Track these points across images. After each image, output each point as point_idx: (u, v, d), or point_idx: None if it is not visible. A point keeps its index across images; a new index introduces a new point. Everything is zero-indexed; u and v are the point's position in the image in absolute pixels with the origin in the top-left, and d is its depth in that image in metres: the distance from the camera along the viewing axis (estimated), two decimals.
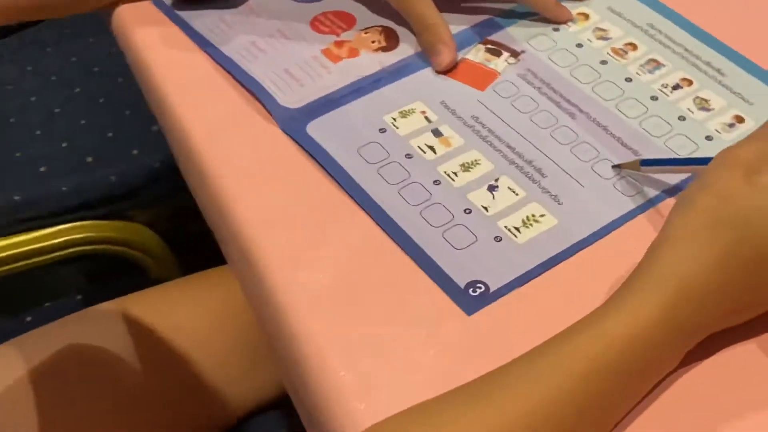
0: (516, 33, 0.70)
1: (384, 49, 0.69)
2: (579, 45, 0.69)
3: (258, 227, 0.59)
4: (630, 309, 0.46)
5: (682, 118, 0.63)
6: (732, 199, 0.47)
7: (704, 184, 0.49)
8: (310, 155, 0.62)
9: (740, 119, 0.63)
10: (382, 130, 0.63)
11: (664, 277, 0.47)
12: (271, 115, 0.65)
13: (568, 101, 0.65)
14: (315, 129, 0.63)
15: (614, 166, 0.60)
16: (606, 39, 0.69)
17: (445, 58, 0.67)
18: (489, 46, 0.69)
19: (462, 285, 0.55)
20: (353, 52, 0.69)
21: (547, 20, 0.70)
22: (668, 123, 0.63)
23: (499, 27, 0.70)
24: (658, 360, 0.48)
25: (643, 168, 0.58)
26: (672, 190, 0.59)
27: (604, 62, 0.67)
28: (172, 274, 1.07)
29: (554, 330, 0.48)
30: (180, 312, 0.88)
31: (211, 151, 0.63)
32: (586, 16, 0.71)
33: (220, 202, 0.61)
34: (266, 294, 0.56)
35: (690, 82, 0.66)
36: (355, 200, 0.59)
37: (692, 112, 0.64)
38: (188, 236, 1.06)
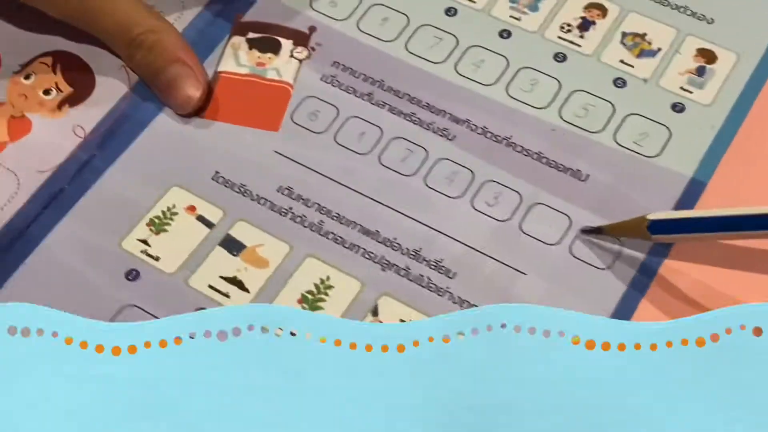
0: None
1: (72, 101, 0.38)
2: None
3: None
4: None
5: (619, 83, 0.37)
6: None
7: None
8: None
9: (710, 56, 0.38)
10: (133, 275, 0.34)
11: None
12: None
13: (428, 106, 0.37)
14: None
15: (584, 232, 0.34)
16: None
17: (187, 85, 0.37)
18: (252, 35, 0.39)
19: None
20: (21, 126, 0.37)
21: None
22: (603, 99, 0.37)
23: None
24: None
25: (655, 237, 0.32)
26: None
27: (451, 11, 0.39)
28: None
29: None
30: None
31: None
32: None
33: None
34: None
35: (602, 10, 0.39)
36: None
37: (631, 66, 0.38)
38: None
